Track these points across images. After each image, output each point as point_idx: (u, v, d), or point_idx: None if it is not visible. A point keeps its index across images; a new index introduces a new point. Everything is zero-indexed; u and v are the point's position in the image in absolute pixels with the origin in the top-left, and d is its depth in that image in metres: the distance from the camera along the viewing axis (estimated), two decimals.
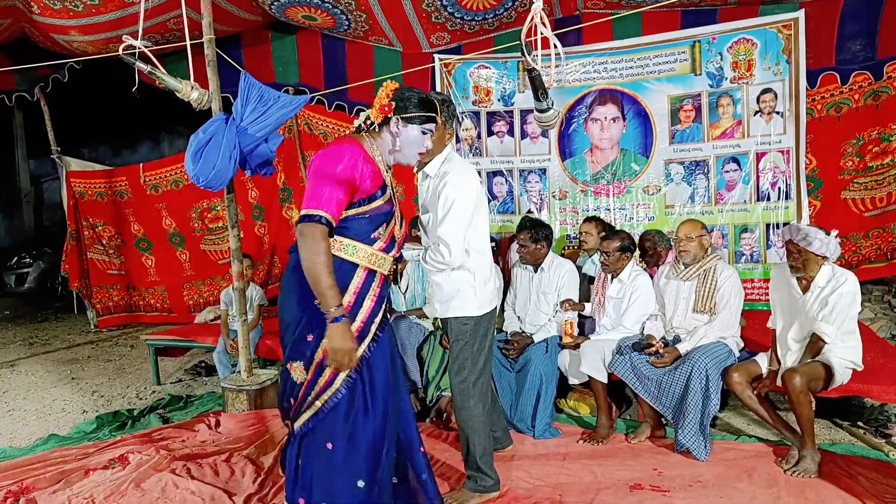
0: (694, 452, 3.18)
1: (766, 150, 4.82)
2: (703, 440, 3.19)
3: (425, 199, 2.76)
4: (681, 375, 3.27)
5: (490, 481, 2.78)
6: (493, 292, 2.82)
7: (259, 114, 3.59)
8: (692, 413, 3.21)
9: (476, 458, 2.75)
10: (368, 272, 2.18)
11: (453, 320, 2.75)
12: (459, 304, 2.72)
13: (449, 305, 2.74)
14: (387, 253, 2.22)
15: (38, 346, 6.80)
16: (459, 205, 2.57)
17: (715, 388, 3.21)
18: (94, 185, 6.94)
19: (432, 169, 2.70)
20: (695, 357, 3.28)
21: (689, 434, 3.20)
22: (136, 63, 3.61)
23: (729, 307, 3.41)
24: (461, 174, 2.62)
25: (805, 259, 3.08)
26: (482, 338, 2.76)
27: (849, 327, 3.10)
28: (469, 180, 2.64)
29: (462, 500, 2.76)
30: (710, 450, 3.20)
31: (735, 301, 3.43)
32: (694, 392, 3.21)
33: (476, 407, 2.74)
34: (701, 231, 3.51)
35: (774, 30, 4.72)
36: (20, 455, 3.51)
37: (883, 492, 2.73)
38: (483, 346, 2.76)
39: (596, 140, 5.26)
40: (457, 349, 2.76)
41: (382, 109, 2.21)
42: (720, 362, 3.29)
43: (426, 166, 2.71)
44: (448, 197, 2.57)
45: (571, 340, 3.69)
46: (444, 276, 2.71)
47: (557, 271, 3.88)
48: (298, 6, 4.94)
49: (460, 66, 5.48)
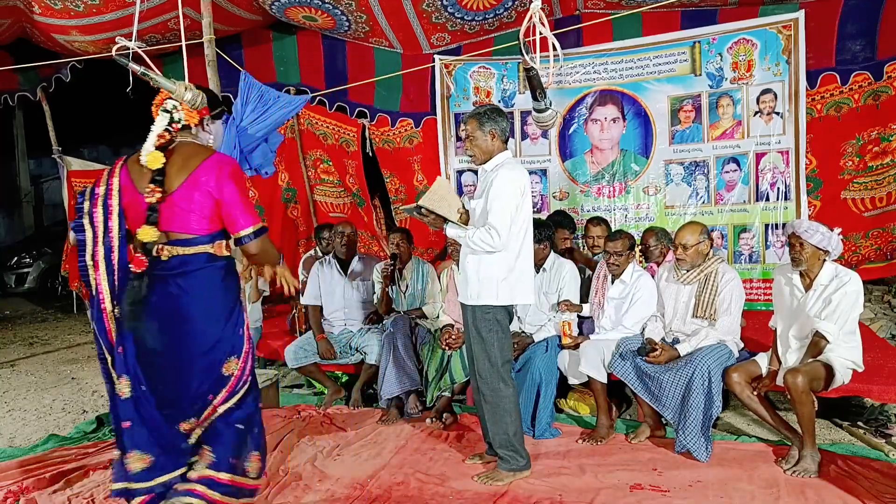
0: (695, 454, 3.18)
1: (766, 151, 4.83)
2: (705, 441, 3.19)
3: (480, 190, 3.06)
4: (682, 377, 3.27)
5: (522, 461, 3.01)
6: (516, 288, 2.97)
7: (259, 114, 3.61)
8: (694, 414, 3.20)
9: (510, 437, 2.98)
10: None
11: (477, 308, 2.97)
12: (483, 294, 2.95)
13: (478, 294, 2.96)
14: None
15: (38, 346, 6.80)
16: (508, 197, 2.87)
17: (717, 389, 3.21)
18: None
19: (490, 166, 3.02)
20: (697, 358, 3.27)
21: (691, 435, 3.20)
22: (129, 64, 3.62)
23: (729, 313, 3.39)
24: (513, 172, 2.93)
25: (805, 253, 3.09)
26: (507, 326, 3.02)
27: (850, 327, 3.10)
28: (519, 179, 2.93)
29: (497, 479, 2.98)
30: (712, 451, 3.20)
31: (736, 306, 3.41)
32: (696, 393, 3.21)
33: (507, 388, 2.99)
34: (698, 238, 3.44)
35: (774, 30, 4.72)
36: (20, 455, 3.51)
37: (883, 492, 2.73)
38: (507, 333, 3.03)
39: (596, 141, 5.26)
40: (479, 337, 2.98)
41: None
42: (722, 364, 3.28)
43: (485, 164, 3.04)
44: (497, 189, 2.88)
45: (571, 341, 3.69)
46: (469, 265, 2.97)
47: (559, 272, 3.88)
48: (299, 6, 4.94)
49: (460, 66, 5.49)
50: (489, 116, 2.98)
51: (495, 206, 2.86)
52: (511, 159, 3.04)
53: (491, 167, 3.00)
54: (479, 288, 2.95)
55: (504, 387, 2.97)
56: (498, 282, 2.92)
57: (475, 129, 2.98)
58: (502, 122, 2.99)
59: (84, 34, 5.08)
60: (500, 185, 2.87)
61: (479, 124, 2.97)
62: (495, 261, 2.92)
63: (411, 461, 3.26)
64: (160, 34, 5.16)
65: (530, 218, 3.03)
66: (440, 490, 2.93)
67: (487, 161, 3.02)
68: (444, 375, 3.85)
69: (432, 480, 3.02)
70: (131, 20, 3.59)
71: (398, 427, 3.76)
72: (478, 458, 3.23)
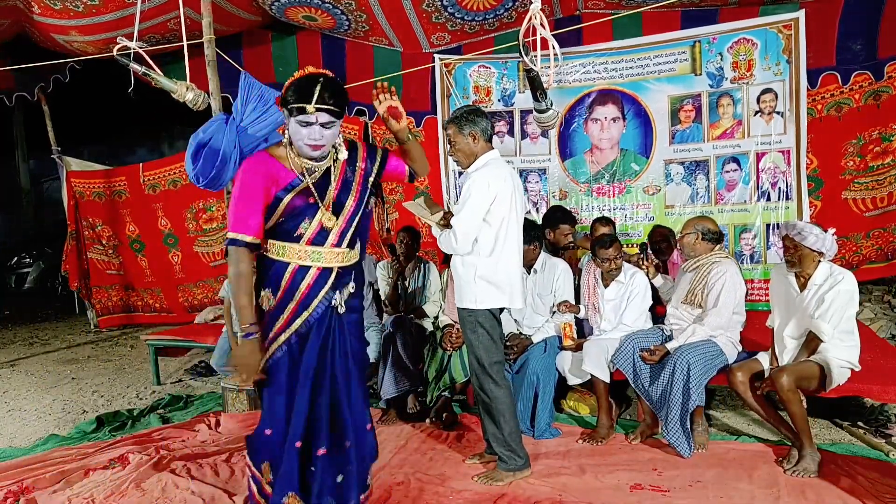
0: (678, 448, 3.19)
1: (767, 150, 4.83)
2: (685, 436, 3.20)
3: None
4: (666, 372, 3.28)
5: (521, 460, 2.99)
6: (494, 292, 2.92)
7: (259, 114, 3.59)
8: (674, 409, 3.22)
9: (506, 437, 2.96)
10: (298, 268, 2.23)
11: (461, 310, 3.00)
12: (464, 297, 2.96)
13: (461, 297, 2.98)
14: (319, 246, 2.23)
15: (38, 346, 6.80)
16: (474, 200, 2.83)
17: (696, 384, 3.19)
18: (92, 184, 6.94)
19: (471, 169, 2.97)
20: (678, 354, 3.28)
21: (672, 430, 3.22)
22: (131, 64, 3.62)
23: (717, 309, 3.36)
24: (485, 174, 2.86)
25: (800, 254, 3.08)
26: (490, 329, 2.96)
27: (846, 327, 3.09)
28: (491, 181, 2.84)
29: (497, 479, 2.97)
30: (693, 447, 3.21)
31: (725, 302, 3.36)
32: (675, 388, 3.22)
33: (498, 389, 2.96)
34: (690, 229, 3.49)
35: (775, 30, 4.72)
36: (20, 455, 3.51)
37: (883, 492, 2.73)
38: (493, 336, 2.97)
39: (596, 140, 5.26)
40: (466, 338, 3.01)
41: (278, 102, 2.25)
42: (706, 360, 3.28)
43: (469, 167, 2.97)
44: (466, 191, 2.86)
45: (572, 343, 3.69)
46: (456, 267, 2.97)
47: (552, 272, 3.86)
48: (299, 6, 4.94)
49: (460, 66, 5.48)
50: (467, 119, 2.92)
51: (459, 209, 2.87)
52: (495, 159, 2.96)
53: (473, 170, 2.95)
54: (461, 291, 2.96)
55: (495, 387, 2.95)
56: (475, 285, 2.90)
57: (456, 133, 2.94)
58: (482, 122, 2.93)
59: (83, 34, 5.09)
60: (468, 187, 2.86)
61: (458, 128, 2.93)
62: (473, 263, 2.90)
63: (411, 461, 3.26)
64: (160, 34, 5.16)
65: (510, 219, 2.92)
66: (440, 490, 2.92)
67: (472, 164, 2.97)
68: (443, 375, 3.85)
69: (432, 480, 3.02)
70: (131, 20, 3.60)
71: (398, 427, 3.76)
72: (477, 458, 3.23)
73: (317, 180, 2.23)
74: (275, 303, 2.22)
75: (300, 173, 2.22)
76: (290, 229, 2.22)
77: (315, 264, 2.23)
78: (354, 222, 2.29)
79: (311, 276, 2.23)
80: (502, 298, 2.95)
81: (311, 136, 2.14)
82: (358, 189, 2.31)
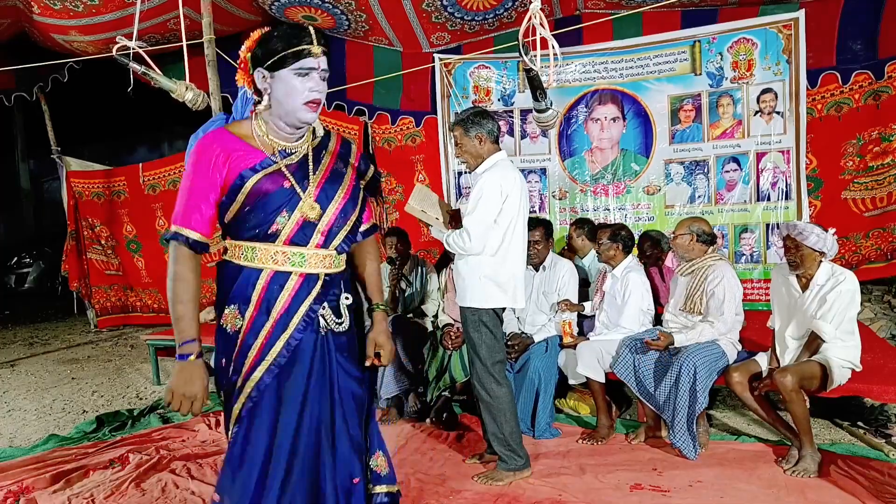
0: (684, 451, 3.18)
1: (767, 150, 4.83)
2: (692, 439, 3.20)
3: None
4: (671, 374, 3.27)
5: (521, 460, 3.00)
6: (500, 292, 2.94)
7: None
8: (681, 412, 3.21)
9: (506, 437, 2.97)
10: (275, 275, 1.74)
11: (464, 308, 2.99)
12: (468, 296, 2.96)
13: (464, 295, 2.98)
14: (300, 246, 1.75)
15: (38, 346, 6.80)
16: (487, 200, 2.85)
17: (703, 387, 3.19)
18: (92, 185, 6.94)
19: (480, 170, 2.99)
20: (683, 356, 3.27)
21: (679, 433, 3.21)
22: (130, 64, 3.62)
23: (724, 317, 3.35)
24: (496, 175, 2.89)
25: (802, 254, 3.08)
26: (493, 328, 2.96)
27: (847, 327, 3.09)
28: (503, 183, 2.87)
29: (497, 479, 2.97)
30: (699, 449, 3.21)
31: (728, 307, 3.36)
32: (682, 391, 3.21)
33: (500, 388, 2.97)
34: (683, 230, 3.46)
35: (775, 30, 4.72)
36: (20, 455, 3.51)
37: (883, 492, 2.73)
38: (495, 335, 2.97)
39: (596, 140, 5.26)
40: (468, 336, 2.99)
41: (242, 69, 1.83)
42: (711, 362, 3.27)
43: (476, 168, 2.99)
44: (478, 192, 2.88)
45: (572, 340, 3.69)
46: (460, 267, 2.98)
47: (558, 271, 3.88)
48: (298, 6, 4.94)
49: (460, 65, 5.48)
50: (473, 121, 2.95)
51: (471, 209, 2.88)
52: (503, 160, 3.00)
53: (481, 171, 2.98)
54: (464, 289, 2.97)
55: (497, 387, 2.96)
56: (479, 284, 2.91)
57: (462, 135, 2.98)
58: (488, 124, 2.96)
59: (83, 34, 5.09)
60: (480, 187, 2.88)
61: (464, 131, 2.96)
62: (478, 263, 2.92)
63: (411, 461, 3.25)
64: (160, 34, 5.16)
65: (518, 220, 2.96)
66: (440, 490, 2.92)
67: (479, 165, 3.00)
68: (444, 375, 3.85)
69: (432, 480, 3.02)
70: (131, 20, 3.60)
71: (398, 427, 3.76)
72: (477, 458, 3.23)
73: (292, 164, 1.77)
74: (245, 324, 1.73)
75: (271, 154, 1.76)
76: (261, 224, 1.72)
77: (296, 269, 1.75)
78: (347, 223, 1.84)
79: (292, 285, 1.74)
80: (506, 298, 2.97)
81: (313, 88, 1.71)
82: (350, 185, 1.86)
